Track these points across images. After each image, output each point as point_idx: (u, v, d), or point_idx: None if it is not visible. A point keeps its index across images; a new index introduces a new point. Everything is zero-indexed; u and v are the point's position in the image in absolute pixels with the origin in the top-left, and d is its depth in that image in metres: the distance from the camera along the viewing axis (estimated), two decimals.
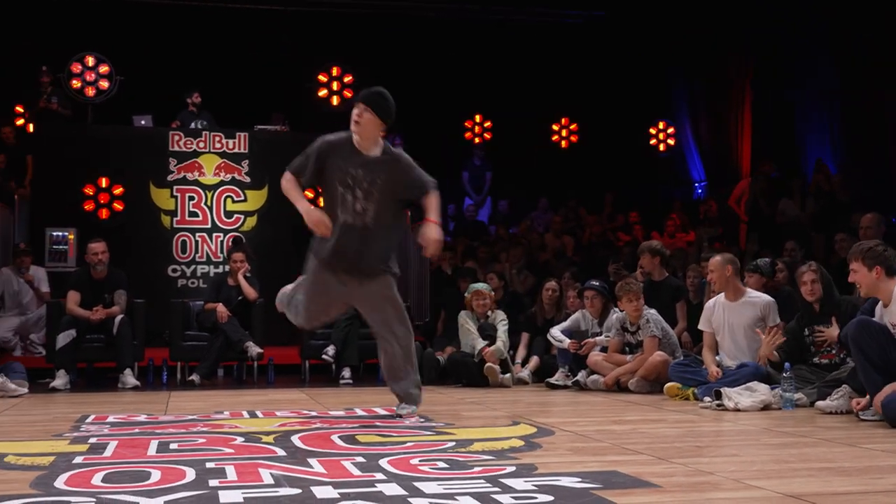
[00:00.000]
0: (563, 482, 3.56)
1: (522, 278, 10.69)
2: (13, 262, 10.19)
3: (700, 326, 7.24)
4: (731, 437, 5.18)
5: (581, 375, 7.81)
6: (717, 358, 6.91)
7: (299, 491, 3.47)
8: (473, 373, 8.21)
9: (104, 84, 11.68)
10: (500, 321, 8.45)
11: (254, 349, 8.86)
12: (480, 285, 8.70)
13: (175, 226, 11.42)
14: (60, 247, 10.58)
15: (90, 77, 11.67)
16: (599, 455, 4.29)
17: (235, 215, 11.57)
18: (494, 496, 3.31)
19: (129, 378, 8.64)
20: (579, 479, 3.61)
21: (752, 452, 4.49)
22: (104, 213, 11.10)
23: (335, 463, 4.08)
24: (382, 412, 6.25)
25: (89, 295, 8.86)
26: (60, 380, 8.50)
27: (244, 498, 3.36)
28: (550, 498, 3.28)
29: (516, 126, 15.62)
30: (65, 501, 3.38)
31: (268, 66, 14.02)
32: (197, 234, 11.43)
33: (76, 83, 11.60)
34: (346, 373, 8.93)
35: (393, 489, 3.47)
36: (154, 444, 4.79)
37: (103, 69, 11.70)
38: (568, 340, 8.02)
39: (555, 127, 16.31)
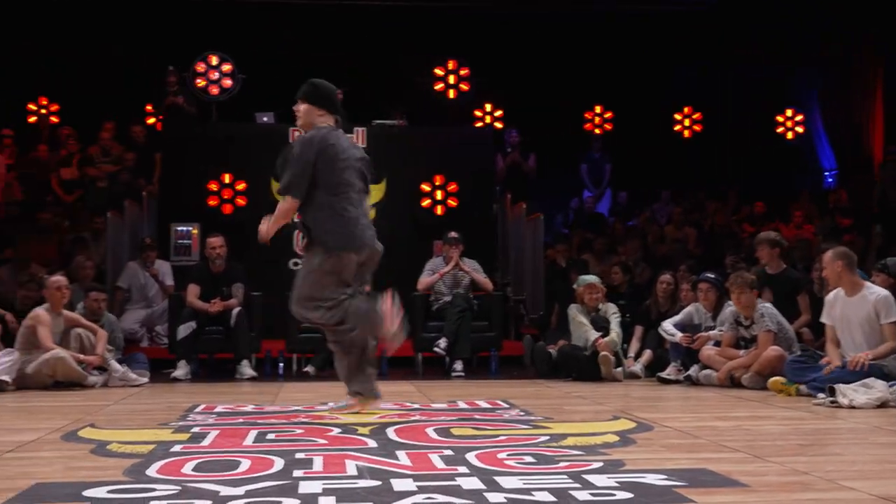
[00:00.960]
0: (648, 479, 3.46)
1: (640, 271, 10.45)
2: (139, 256, 10.50)
3: (822, 320, 6.98)
4: (837, 436, 4.96)
5: (693, 370, 7.62)
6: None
7: (379, 483, 3.46)
8: (584, 366, 8.07)
9: (227, 82, 11.84)
10: (613, 314, 8.31)
11: None
12: (591, 278, 8.55)
13: (295, 220, 11.41)
14: (184, 241, 10.83)
15: (214, 76, 11.85)
16: (694, 452, 4.16)
17: None
18: (572, 492, 3.23)
19: (246, 369, 8.82)
20: (665, 477, 3.50)
21: (856, 452, 4.30)
22: (227, 209, 11.26)
23: (422, 456, 4.07)
24: (484, 405, 6.19)
25: (208, 288, 9.07)
26: (181, 370, 8.73)
27: (323, 489, 3.37)
28: (630, 495, 3.19)
29: (637, 117, 15.35)
30: (150, 489, 3.43)
31: (385, 62, 14.09)
32: None
33: (201, 82, 11.79)
34: (458, 365, 8.89)
35: (472, 483, 3.43)
36: (252, 435, 4.85)
37: (226, 68, 11.87)
38: (680, 334, 7.81)
39: (677, 117, 15.94)
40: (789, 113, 15.87)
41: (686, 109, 15.94)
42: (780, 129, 15.95)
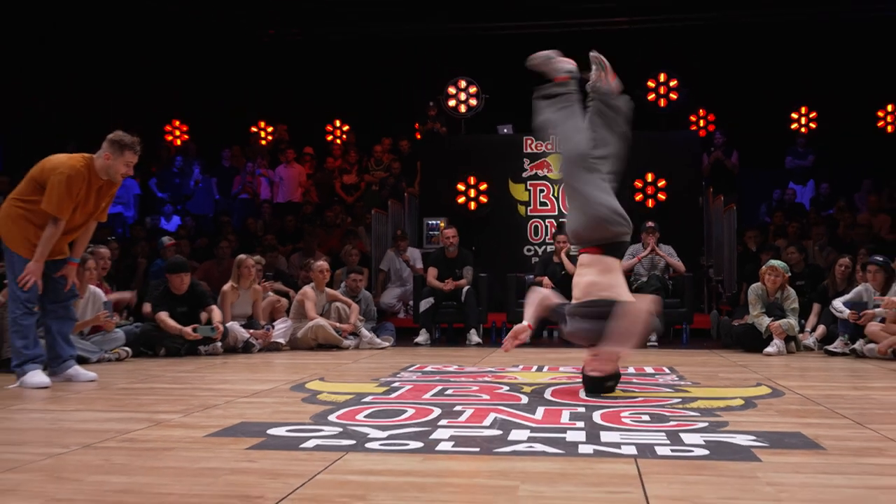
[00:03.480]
0: (737, 440, 3.20)
1: (825, 255, 9.69)
2: (394, 245, 10.90)
3: None
4: None
5: (858, 344, 6.99)
6: None
7: (500, 433, 3.39)
8: (756, 340, 7.58)
9: (473, 102, 12.04)
10: (789, 303, 7.63)
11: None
12: (777, 262, 7.99)
13: (529, 214, 11.57)
14: (433, 232, 11.21)
15: (462, 97, 12.08)
16: (802, 417, 3.78)
17: None
18: (657, 447, 3.07)
19: (474, 336, 8.97)
20: (754, 438, 3.23)
21: None
22: (472, 206, 11.48)
23: (556, 412, 3.94)
24: (649, 370, 5.93)
25: (444, 270, 9.30)
26: (422, 336, 9.00)
27: (450, 435, 3.34)
28: (706, 452, 2.99)
29: (841, 115, 14.20)
30: (318, 430, 3.47)
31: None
32: (546, 220, 11.52)
33: (451, 102, 12.06)
34: (653, 337, 8.44)
35: (575, 436, 3.31)
36: (435, 389, 4.84)
37: (472, 90, 12.07)
38: (848, 311, 7.20)
39: (879, 114, 14.59)
40: None
41: (889, 107, 14.58)
42: None
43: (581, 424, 3.59)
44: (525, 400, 4.39)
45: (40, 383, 5.11)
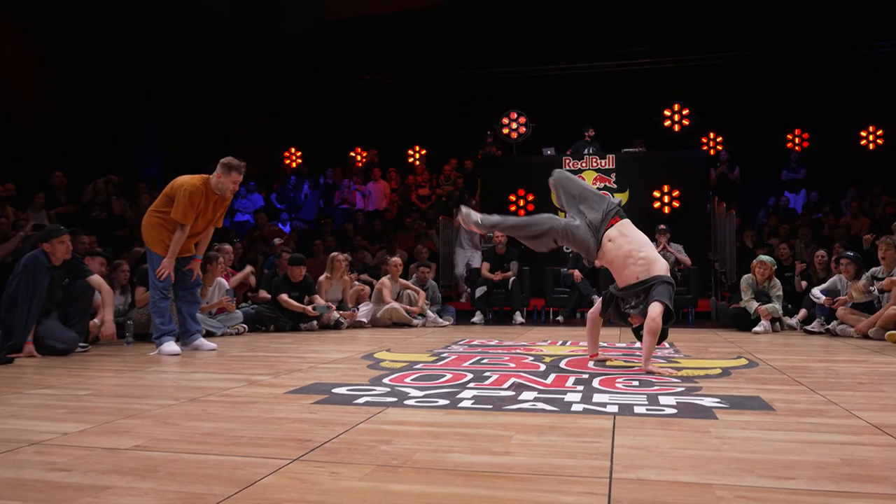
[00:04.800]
0: (704, 402, 3.13)
1: (811, 251, 9.31)
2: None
3: None
4: None
5: (832, 325, 6.74)
6: None
7: (513, 394, 3.37)
8: (746, 321, 7.37)
9: (522, 129, 11.97)
10: (774, 290, 7.41)
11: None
12: (765, 257, 7.77)
13: None
14: (489, 234, 11.16)
15: (514, 125, 12.02)
16: (765, 384, 3.66)
17: None
18: (636, 407, 3.02)
19: (518, 317, 8.94)
20: (718, 401, 3.16)
21: None
22: (521, 213, 11.42)
23: (563, 378, 3.90)
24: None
25: (495, 264, 9.29)
26: (477, 317, 9.00)
27: (473, 395, 3.33)
28: (674, 411, 2.93)
29: (829, 135, 13.68)
30: (371, 389, 3.49)
31: (629, 107, 13.56)
32: None
33: (505, 130, 12.01)
34: None
35: (573, 397, 3.27)
36: (474, 359, 4.80)
37: (522, 120, 12.00)
38: (823, 297, 6.95)
39: (862, 133, 13.98)
40: None
41: (871, 128, 13.97)
42: None
43: (580, 388, 3.56)
44: (543, 368, 4.34)
45: (173, 351, 5.30)
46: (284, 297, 7.61)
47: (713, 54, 13.95)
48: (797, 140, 14.23)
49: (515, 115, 12.07)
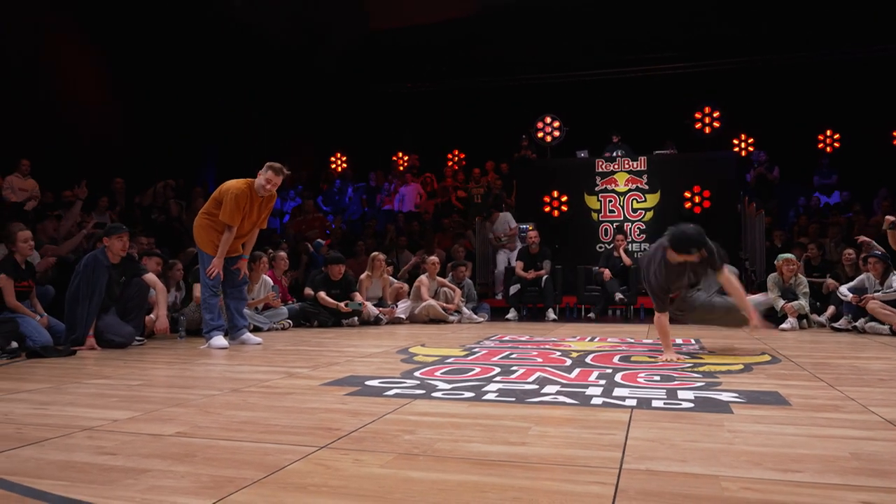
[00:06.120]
0: (722, 397, 3.09)
1: (840, 249, 9.06)
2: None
3: None
4: None
5: (860, 322, 6.55)
6: None
7: (536, 387, 3.37)
8: (772, 319, 7.16)
9: (556, 133, 11.92)
10: (801, 289, 7.25)
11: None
12: (789, 255, 7.60)
13: (599, 219, 11.34)
14: (524, 233, 11.11)
15: (548, 129, 11.98)
16: (785, 380, 3.59)
17: (638, 211, 11.25)
18: (654, 401, 3.00)
19: (551, 314, 8.87)
20: (736, 395, 3.12)
21: None
22: (555, 213, 11.37)
23: (587, 372, 3.88)
24: (678, 341, 5.68)
25: (528, 263, 9.24)
26: (511, 314, 8.96)
27: (498, 388, 3.32)
28: (691, 405, 2.90)
29: (860, 136, 13.28)
30: (401, 382, 3.51)
31: (663, 111, 13.36)
32: (614, 224, 11.31)
33: (540, 133, 11.97)
34: None
35: (593, 391, 3.26)
36: (504, 354, 4.78)
37: (556, 124, 11.94)
38: (850, 295, 6.76)
39: (894, 133, 13.52)
40: None
41: None
42: None
43: (602, 382, 3.54)
44: (569, 363, 4.32)
45: (221, 345, 5.42)
46: (322, 294, 7.71)
47: (743, 58, 13.69)
48: (828, 141, 13.85)
49: (550, 119, 12.03)
